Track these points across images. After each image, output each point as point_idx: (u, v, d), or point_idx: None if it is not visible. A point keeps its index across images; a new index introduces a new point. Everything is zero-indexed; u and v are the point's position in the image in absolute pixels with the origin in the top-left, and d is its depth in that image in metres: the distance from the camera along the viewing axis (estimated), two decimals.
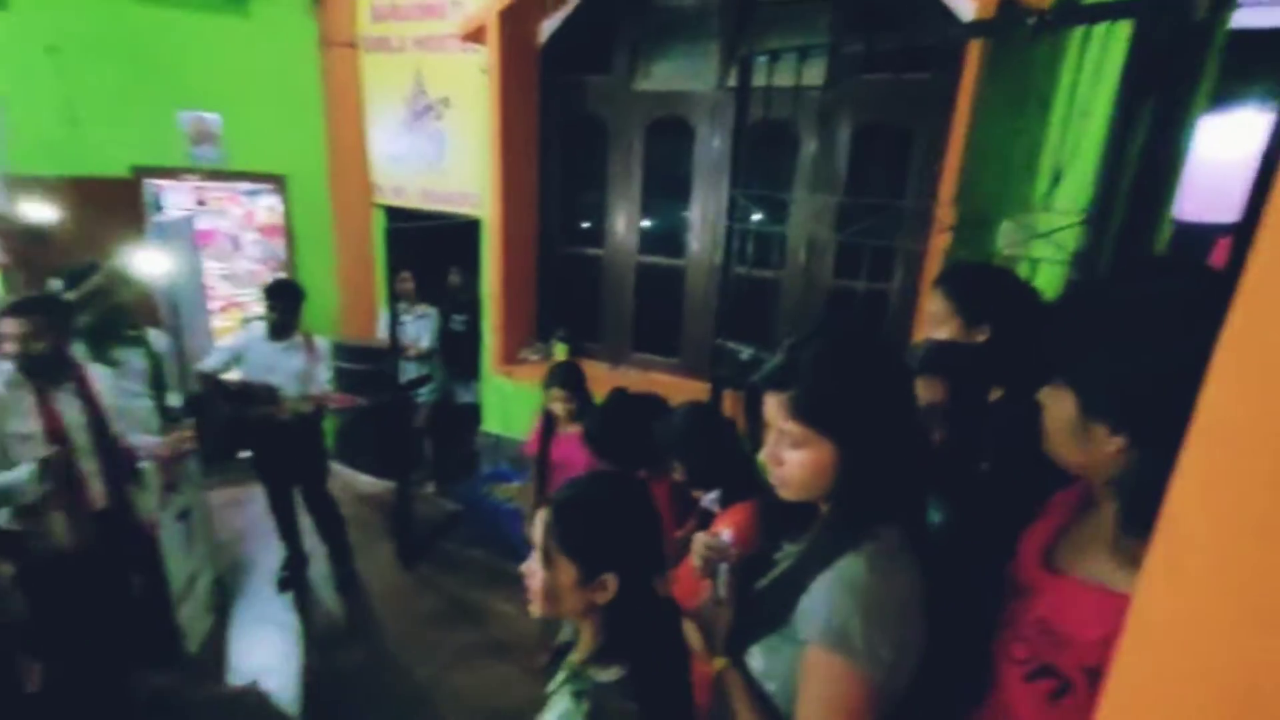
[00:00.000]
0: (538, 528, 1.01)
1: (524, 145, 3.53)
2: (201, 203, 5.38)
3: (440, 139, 3.78)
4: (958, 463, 1.23)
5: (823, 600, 0.86)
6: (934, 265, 2.43)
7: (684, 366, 3.52)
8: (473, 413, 4.04)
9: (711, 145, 3.16)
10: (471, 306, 3.95)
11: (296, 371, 3.08)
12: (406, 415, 3.61)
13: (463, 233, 3.61)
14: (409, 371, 3.72)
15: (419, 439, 3.88)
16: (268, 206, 5.64)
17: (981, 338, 1.37)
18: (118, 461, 2.28)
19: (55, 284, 2.55)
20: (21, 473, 2.01)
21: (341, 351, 3.94)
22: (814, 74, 2.61)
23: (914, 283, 2.72)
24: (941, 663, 0.90)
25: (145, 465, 2.44)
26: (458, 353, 4.00)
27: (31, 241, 2.85)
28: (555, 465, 2.47)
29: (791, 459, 0.91)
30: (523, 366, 3.73)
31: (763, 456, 0.97)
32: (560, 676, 1.06)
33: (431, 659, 2.92)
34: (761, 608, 0.99)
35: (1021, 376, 1.09)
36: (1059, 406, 0.81)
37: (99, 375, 2.29)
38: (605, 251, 3.61)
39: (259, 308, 5.87)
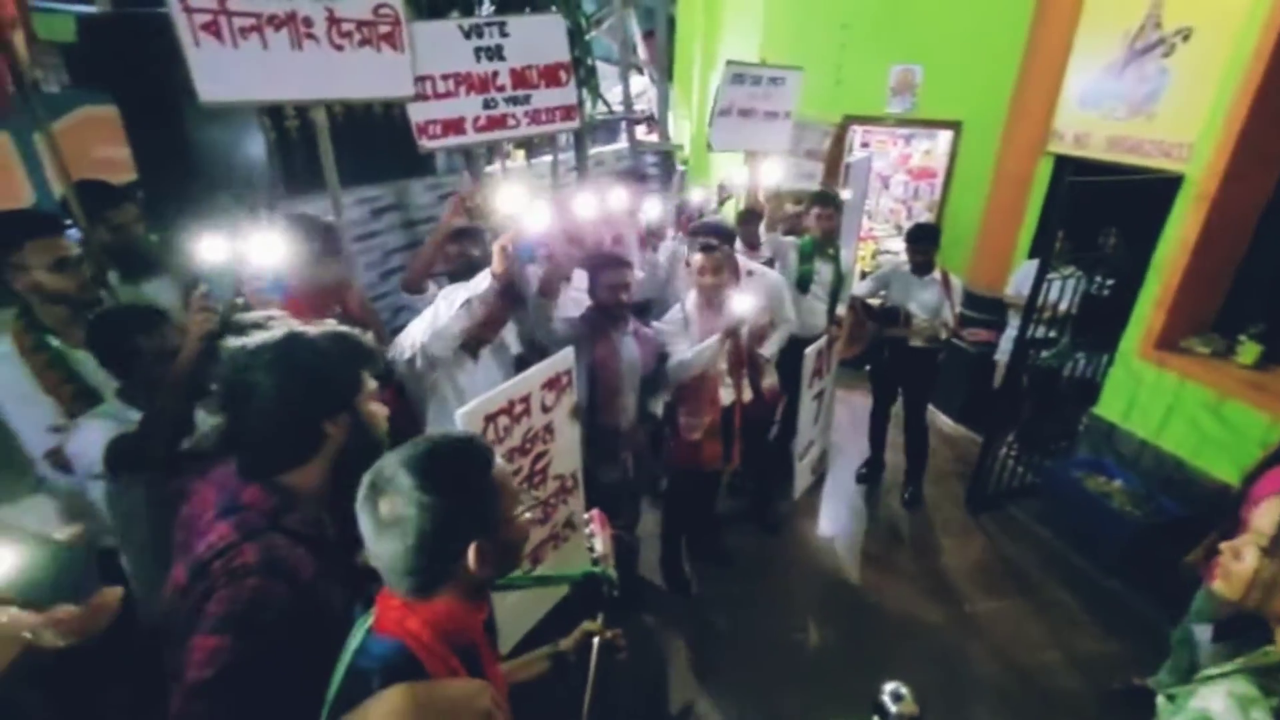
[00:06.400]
0: (1270, 514, 1.02)
1: None
2: (865, 144, 6.24)
3: (1161, 79, 3.27)
4: None
5: None
6: None
7: None
8: (1087, 388, 3.67)
9: None
10: (1122, 272, 3.47)
11: (930, 303, 3.44)
12: (1016, 372, 3.57)
13: (1132, 190, 3.12)
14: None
15: (1019, 399, 3.79)
16: (924, 150, 6.10)
17: None
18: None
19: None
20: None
21: (966, 297, 4.11)
22: None
23: None
24: None
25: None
26: (1090, 320, 3.62)
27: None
28: (1251, 498, 2.03)
29: None
30: (1180, 357, 3.13)
31: None
32: (1238, 663, 1.06)
33: (971, 601, 3.05)
34: None
35: None
36: None
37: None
38: None
39: (890, 244, 6.56)
